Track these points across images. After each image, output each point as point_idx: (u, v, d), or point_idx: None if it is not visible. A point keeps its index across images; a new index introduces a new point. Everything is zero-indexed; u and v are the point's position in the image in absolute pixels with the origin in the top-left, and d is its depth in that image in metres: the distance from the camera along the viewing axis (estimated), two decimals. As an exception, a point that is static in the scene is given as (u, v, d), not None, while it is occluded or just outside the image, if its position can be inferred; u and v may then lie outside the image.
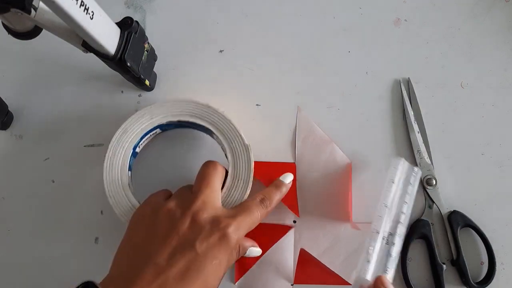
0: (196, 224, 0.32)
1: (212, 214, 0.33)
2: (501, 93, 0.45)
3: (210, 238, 0.32)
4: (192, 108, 0.39)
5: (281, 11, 0.45)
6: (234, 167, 0.38)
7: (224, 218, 0.33)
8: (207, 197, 0.34)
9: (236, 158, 0.38)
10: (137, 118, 0.39)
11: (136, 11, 0.45)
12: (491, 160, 0.43)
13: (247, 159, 0.38)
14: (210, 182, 0.35)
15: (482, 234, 0.40)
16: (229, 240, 0.32)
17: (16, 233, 0.41)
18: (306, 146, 0.42)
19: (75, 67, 0.43)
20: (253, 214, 0.35)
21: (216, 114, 0.39)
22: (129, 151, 0.38)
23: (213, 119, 0.38)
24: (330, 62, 0.45)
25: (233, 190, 0.37)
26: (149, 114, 0.39)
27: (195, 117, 0.38)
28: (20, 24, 0.32)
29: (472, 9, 0.46)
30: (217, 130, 0.38)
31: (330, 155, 0.42)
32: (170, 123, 0.39)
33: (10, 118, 0.42)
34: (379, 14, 0.46)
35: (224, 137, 0.38)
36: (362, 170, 0.42)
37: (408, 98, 0.44)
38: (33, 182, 0.41)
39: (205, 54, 0.44)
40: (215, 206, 0.34)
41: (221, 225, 0.32)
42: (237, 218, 0.33)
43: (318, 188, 0.41)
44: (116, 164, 0.38)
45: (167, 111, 0.39)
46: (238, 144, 0.38)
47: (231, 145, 0.38)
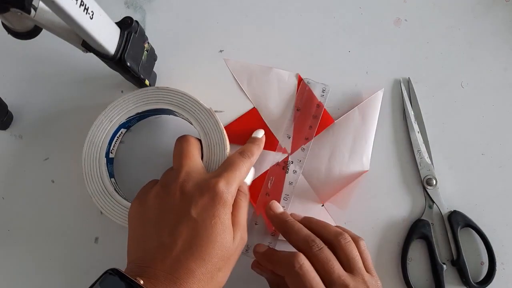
0: (186, 194, 0.32)
1: (198, 179, 0.33)
2: (501, 93, 0.45)
3: (202, 201, 0.32)
4: (144, 96, 0.38)
5: (281, 11, 0.45)
6: (205, 134, 0.37)
7: (210, 179, 0.33)
8: (189, 167, 0.34)
9: (203, 125, 0.38)
10: (98, 126, 0.38)
11: (136, 11, 0.45)
12: (491, 160, 0.43)
13: (214, 122, 0.37)
14: (187, 154, 0.35)
15: (482, 234, 0.40)
16: (221, 196, 0.32)
17: (16, 233, 0.41)
18: (253, 86, 0.43)
19: (75, 67, 0.43)
20: (238, 166, 0.35)
21: (170, 93, 0.38)
22: (103, 160, 0.38)
23: (168, 99, 0.38)
24: (330, 61, 0.45)
25: (212, 156, 0.37)
26: (107, 118, 0.38)
27: (151, 104, 0.38)
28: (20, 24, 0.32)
29: (472, 9, 0.46)
30: (176, 107, 0.38)
31: (277, 80, 0.43)
32: (130, 119, 0.39)
33: (10, 118, 0.42)
34: (379, 14, 0.46)
35: (184, 110, 0.38)
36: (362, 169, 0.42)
37: (408, 98, 0.44)
38: (33, 182, 0.41)
39: (205, 54, 0.44)
40: (199, 172, 0.34)
41: (209, 185, 0.32)
42: (223, 174, 0.33)
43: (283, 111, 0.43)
44: (96, 177, 0.38)
45: (122, 109, 0.38)
46: (200, 111, 0.38)
47: (194, 115, 0.38)
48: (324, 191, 0.41)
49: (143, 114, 0.40)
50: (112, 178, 0.39)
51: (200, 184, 0.33)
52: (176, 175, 0.34)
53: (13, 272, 0.40)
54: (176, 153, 0.36)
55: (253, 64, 0.44)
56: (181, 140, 0.36)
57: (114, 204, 0.37)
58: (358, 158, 0.42)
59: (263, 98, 0.43)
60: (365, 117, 0.43)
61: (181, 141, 0.36)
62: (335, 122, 0.43)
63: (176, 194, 0.33)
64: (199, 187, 0.32)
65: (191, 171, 0.34)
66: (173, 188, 0.33)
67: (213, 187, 0.32)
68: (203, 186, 0.32)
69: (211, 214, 0.31)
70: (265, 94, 0.43)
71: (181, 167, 0.34)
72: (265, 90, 0.43)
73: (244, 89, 0.43)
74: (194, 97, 0.38)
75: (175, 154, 0.36)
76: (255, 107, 0.43)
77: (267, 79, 0.43)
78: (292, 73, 0.44)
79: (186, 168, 0.34)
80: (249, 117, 0.43)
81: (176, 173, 0.34)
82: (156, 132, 0.42)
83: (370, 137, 0.42)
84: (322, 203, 0.41)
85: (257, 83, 0.43)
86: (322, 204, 0.41)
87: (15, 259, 0.40)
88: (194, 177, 0.33)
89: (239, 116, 0.43)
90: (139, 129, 0.42)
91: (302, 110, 0.43)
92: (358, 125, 0.43)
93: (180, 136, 0.37)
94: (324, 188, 0.41)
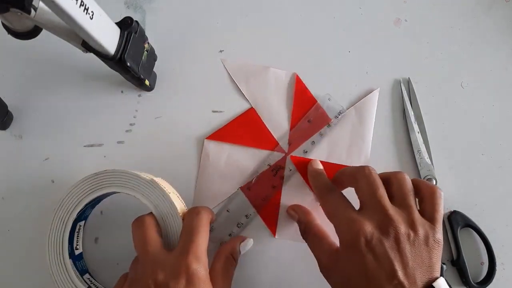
0: (161, 286, 0.30)
1: (168, 266, 0.31)
2: (501, 93, 0.45)
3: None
4: (85, 187, 0.36)
5: (281, 11, 0.45)
6: (154, 207, 0.35)
7: (179, 261, 0.31)
8: (153, 255, 0.32)
9: (150, 198, 0.35)
10: (54, 229, 0.36)
11: (136, 11, 0.45)
12: (491, 160, 0.43)
13: (159, 192, 0.35)
14: (146, 240, 0.33)
15: (482, 234, 0.40)
16: (197, 275, 0.31)
17: (16, 233, 0.41)
18: (251, 86, 0.43)
19: (75, 67, 0.43)
20: (197, 230, 0.33)
21: (108, 175, 0.36)
22: (68, 262, 0.36)
23: (109, 181, 0.35)
24: (330, 62, 0.45)
25: (168, 228, 0.35)
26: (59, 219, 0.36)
27: (95, 192, 0.36)
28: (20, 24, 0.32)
29: (472, 9, 0.46)
30: (119, 188, 0.35)
31: (275, 79, 0.43)
32: (82, 211, 0.37)
33: (10, 118, 0.42)
34: (379, 14, 0.46)
35: (127, 188, 0.35)
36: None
37: (408, 98, 0.44)
38: (33, 182, 0.41)
39: (205, 54, 0.44)
40: (164, 257, 0.32)
41: (181, 269, 0.31)
42: (189, 249, 0.32)
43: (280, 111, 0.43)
44: (66, 281, 0.36)
45: (71, 205, 0.36)
46: (143, 185, 0.35)
47: (139, 191, 0.35)
48: None
49: (92, 202, 0.37)
50: (85, 275, 0.38)
51: (172, 270, 0.31)
52: (143, 269, 0.32)
53: (13, 272, 0.40)
54: (136, 243, 0.34)
55: (250, 64, 0.44)
56: (137, 225, 0.34)
57: None
58: (355, 158, 0.42)
59: (261, 98, 0.43)
60: (361, 117, 0.43)
61: (137, 226, 0.34)
62: (331, 122, 0.43)
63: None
64: (172, 275, 0.31)
65: (156, 260, 0.32)
66: (145, 284, 0.31)
67: (185, 270, 0.31)
68: (175, 272, 0.31)
69: None
70: (263, 93, 0.43)
71: (145, 258, 0.32)
72: (262, 90, 0.43)
73: (242, 89, 0.43)
74: (132, 172, 0.35)
75: (135, 244, 0.34)
76: (252, 107, 0.43)
77: (264, 79, 0.43)
78: (289, 72, 0.44)
79: (150, 257, 0.32)
80: (247, 117, 0.43)
81: (142, 266, 0.32)
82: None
83: (367, 137, 0.42)
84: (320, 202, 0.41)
85: (255, 83, 0.43)
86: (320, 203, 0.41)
87: (15, 259, 0.40)
88: (162, 265, 0.31)
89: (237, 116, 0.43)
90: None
91: (313, 123, 0.42)
92: (355, 125, 0.43)
93: (135, 221, 0.34)
94: None
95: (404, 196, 0.33)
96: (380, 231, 0.31)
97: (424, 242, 0.31)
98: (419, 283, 0.30)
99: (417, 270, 0.30)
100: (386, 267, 0.30)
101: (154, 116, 0.43)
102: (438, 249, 0.32)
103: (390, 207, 0.32)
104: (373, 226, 0.31)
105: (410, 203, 0.33)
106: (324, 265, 0.34)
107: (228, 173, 0.42)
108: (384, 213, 0.32)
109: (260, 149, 0.42)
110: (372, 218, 0.32)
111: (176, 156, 0.42)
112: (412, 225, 0.31)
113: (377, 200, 0.32)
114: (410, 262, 0.30)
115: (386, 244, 0.30)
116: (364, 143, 0.42)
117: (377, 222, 0.31)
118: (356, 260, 0.31)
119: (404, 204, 0.33)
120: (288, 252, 0.41)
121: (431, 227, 0.32)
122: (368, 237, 0.31)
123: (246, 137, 0.42)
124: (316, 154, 0.42)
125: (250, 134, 0.42)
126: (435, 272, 0.31)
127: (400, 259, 0.30)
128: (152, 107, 0.43)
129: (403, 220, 0.31)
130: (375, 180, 0.33)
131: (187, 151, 0.42)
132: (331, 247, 0.34)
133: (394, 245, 0.31)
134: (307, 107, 0.43)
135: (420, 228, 0.31)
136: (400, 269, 0.30)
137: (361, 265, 0.31)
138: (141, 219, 0.34)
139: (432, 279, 0.30)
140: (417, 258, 0.31)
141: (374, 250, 0.30)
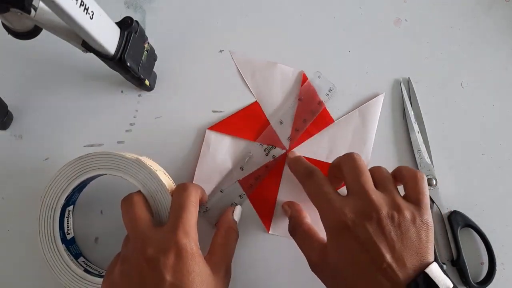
0: (151, 260, 0.30)
1: (157, 241, 0.31)
2: (501, 93, 0.45)
3: (170, 262, 0.30)
4: (70, 171, 0.35)
5: (281, 11, 0.45)
6: (143, 186, 0.35)
7: (168, 236, 0.31)
8: (143, 231, 0.32)
9: (137, 177, 0.35)
10: (43, 216, 0.36)
11: (136, 11, 0.45)
12: (491, 160, 0.43)
13: (147, 171, 0.34)
14: (135, 217, 0.33)
15: (482, 234, 0.40)
16: (186, 250, 0.31)
17: (16, 233, 0.41)
18: (257, 80, 0.43)
19: (75, 67, 0.43)
20: (186, 206, 0.33)
21: (93, 158, 0.35)
22: (61, 248, 0.36)
23: (94, 164, 0.35)
24: (330, 61, 0.45)
25: (158, 205, 0.35)
26: (47, 206, 0.36)
27: (80, 176, 0.35)
28: (20, 24, 0.32)
29: (472, 9, 0.46)
30: (105, 170, 0.35)
31: (281, 76, 0.44)
32: (70, 196, 0.37)
33: (10, 118, 0.42)
34: (379, 14, 0.46)
35: (113, 170, 0.35)
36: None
37: (408, 98, 0.44)
38: (33, 182, 0.41)
39: (205, 54, 0.44)
40: (154, 232, 0.32)
41: (170, 244, 0.31)
42: (177, 224, 0.32)
43: (284, 106, 0.43)
44: (62, 267, 0.36)
45: (57, 190, 0.36)
46: (129, 165, 0.35)
47: (125, 171, 0.35)
48: None
49: (79, 186, 0.37)
50: (80, 258, 0.38)
51: (161, 245, 0.31)
52: (133, 245, 0.32)
53: (13, 272, 0.40)
54: (126, 220, 0.34)
55: (258, 59, 0.44)
56: (125, 203, 0.34)
57: (91, 286, 0.36)
58: None
59: (266, 93, 0.43)
60: (364, 120, 0.43)
61: (126, 204, 0.34)
62: (334, 122, 0.43)
63: (141, 265, 0.30)
64: (161, 249, 0.31)
65: (145, 236, 0.32)
66: (135, 260, 0.31)
67: (174, 244, 0.31)
68: (165, 247, 0.31)
69: (185, 272, 0.30)
70: (268, 88, 0.43)
71: (135, 235, 0.32)
72: (268, 85, 0.43)
73: (247, 82, 0.43)
74: (117, 153, 0.35)
75: (125, 222, 0.34)
76: (257, 100, 0.43)
77: (271, 74, 0.44)
78: (296, 70, 0.44)
79: (140, 234, 0.32)
80: (251, 110, 0.43)
81: (132, 243, 0.32)
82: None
83: (369, 140, 0.42)
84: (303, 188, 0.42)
85: (261, 77, 0.43)
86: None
87: (16, 259, 0.40)
88: (151, 240, 0.31)
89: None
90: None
91: (304, 101, 0.43)
92: (358, 127, 0.43)
93: (123, 199, 0.35)
94: None
95: (384, 182, 0.33)
96: (362, 216, 0.30)
97: (411, 223, 0.31)
98: (410, 265, 0.29)
99: (406, 253, 0.29)
100: (372, 252, 0.29)
101: (154, 116, 0.43)
102: (427, 230, 0.31)
103: (373, 191, 0.32)
104: (355, 212, 0.31)
105: (391, 188, 0.33)
106: (314, 262, 0.34)
107: (227, 165, 0.42)
108: (367, 197, 0.31)
109: (261, 144, 0.42)
110: (354, 204, 0.31)
111: (176, 156, 0.42)
112: (396, 207, 0.31)
113: (360, 185, 0.32)
114: (397, 245, 0.29)
115: (370, 229, 0.30)
116: (365, 145, 0.42)
117: (359, 207, 0.31)
118: (342, 249, 0.31)
119: (387, 189, 0.32)
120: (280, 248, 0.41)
121: (416, 208, 0.31)
122: (350, 224, 0.30)
123: (248, 130, 0.42)
124: (317, 154, 0.42)
125: (252, 128, 0.42)
126: (428, 256, 0.30)
127: (386, 242, 0.30)
128: (152, 107, 0.43)
129: (386, 203, 0.31)
130: (359, 165, 0.33)
131: (187, 151, 0.42)
132: (320, 244, 0.34)
133: (378, 229, 0.30)
134: (312, 105, 0.43)
135: (405, 210, 0.31)
136: (387, 252, 0.29)
137: (347, 253, 0.30)
138: (129, 197, 0.34)
139: (424, 264, 0.29)
140: (404, 240, 0.30)
141: (359, 236, 0.30)
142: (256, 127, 0.42)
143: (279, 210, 0.41)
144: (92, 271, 0.37)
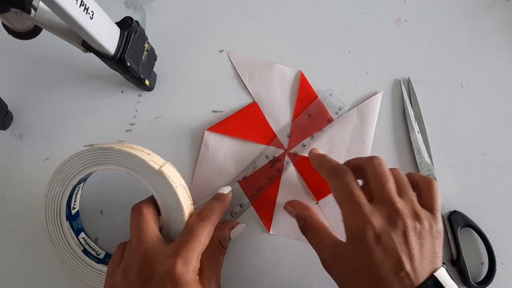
0: (146, 282, 0.31)
1: (156, 263, 0.31)
2: (501, 93, 0.45)
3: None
4: (91, 157, 0.34)
5: (281, 11, 0.45)
6: (159, 197, 0.34)
7: (168, 261, 0.31)
8: (147, 248, 0.32)
9: (155, 188, 0.34)
10: (51, 190, 0.36)
11: (136, 11, 0.45)
12: (491, 160, 0.43)
13: (166, 184, 0.33)
14: (142, 232, 0.33)
15: (482, 234, 0.40)
16: (183, 277, 0.30)
17: (16, 233, 0.41)
18: (255, 81, 0.43)
19: (75, 67, 0.43)
20: (196, 234, 0.33)
21: (116, 153, 0.34)
22: (65, 224, 0.36)
23: (115, 159, 0.34)
24: (330, 61, 0.45)
25: (170, 221, 0.34)
26: (58, 183, 0.36)
27: (98, 165, 0.34)
28: (20, 24, 0.32)
29: (472, 9, 0.46)
30: (125, 168, 0.34)
31: (279, 75, 0.44)
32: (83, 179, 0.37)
33: (10, 118, 0.42)
34: (379, 14, 0.46)
35: (134, 171, 0.34)
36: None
37: (408, 98, 0.44)
38: (33, 182, 0.41)
39: (205, 54, 0.44)
40: (156, 252, 0.32)
41: (167, 272, 0.31)
42: (181, 250, 0.31)
43: (283, 107, 0.43)
44: (62, 242, 0.37)
45: (70, 173, 0.35)
46: (150, 173, 0.33)
47: (145, 177, 0.34)
48: (319, 188, 0.41)
49: (95, 171, 0.36)
50: (81, 234, 0.39)
51: (159, 268, 0.31)
52: (134, 259, 0.32)
53: (13, 272, 0.40)
54: (132, 229, 0.34)
55: (256, 59, 0.44)
56: (135, 213, 0.34)
57: (85, 267, 0.36)
58: None
59: (264, 93, 0.43)
60: (363, 118, 0.43)
61: (135, 214, 0.34)
62: (333, 121, 0.43)
63: (138, 284, 0.31)
64: (158, 275, 0.31)
65: (147, 252, 0.32)
66: (135, 274, 0.31)
67: (172, 273, 0.30)
68: (161, 272, 0.31)
69: None
70: (266, 88, 0.43)
71: (137, 247, 0.32)
72: (266, 85, 0.43)
73: (245, 83, 0.43)
74: (141, 157, 0.33)
75: (131, 230, 0.34)
76: (255, 101, 0.43)
77: (269, 74, 0.44)
78: (294, 70, 0.44)
79: (141, 248, 0.32)
80: (249, 111, 0.43)
81: (134, 254, 0.32)
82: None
83: (368, 139, 0.42)
84: (316, 201, 0.41)
85: (259, 77, 0.43)
86: (316, 202, 0.41)
87: (15, 259, 0.40)
88: (151, 260, 0.31)
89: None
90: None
91: (313, 117, 0.42)
92: (356, 126, 0.43)
93: (134, 207, 0.34)
94: (319, 186, 0.41)
95: (404, 188, 0.34)
96: (388, 224, 0.31)
97: (429, 233, 0.32)
98: (424, 273, 0.30)
99: (423, 261, 0.31)
100: (393, 260, 0.30)
101: (154, 116, 0.43)
102: (440, 239, 0.32)
103: (398, 200, 0.32)
104: (382, 220, 0.31)
105: (411, 196, 0.33)
106: (326, 259, 0.34)
107: (226, 166, 0.42)
108: (393, 206, 0.32)
109: (260, 144, 0.42)
110: (381, 211, 0.32)
111: (176, 156, 0.42)
112: (417, 217, 0.32)
113: (386, 193, 0.32)
114: (416, 254, 0.31)
115: (395, 238, 0.31)
116: (364, 144, 0.42)
117: (386, 216, 0.32)
118: (362, 253, 0.31)
119: (407, 196, 0.33)
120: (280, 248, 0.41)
121: (432, 217, 0.33)
122: (377, 231, 0.31)
123: (247, 131, 0.42)
124: (316, 154, 0.42)
125: (251, 128, 0.42)
126: (438, 262, 0.31)
127: (408, 252, 0.30)
128: (152, 107, 0.43)
129: (409, 212, 0.32)
130: (384, 171, 0.34)
131: (187, 151, 0.42)
132: (332, 241, 0.34)
133: (402, 238, 0.31)
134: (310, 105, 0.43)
135: (424, 220, 0.32)
136: (407, 262, 0.30)
137: (368, 257, 0.31)
138: (139, 208, 0.34)
139: (435, 269, 0.31)
140: (422, 249, 0.31)
141: (383, 244, 0.31)
142: (254, 127, 0.42)
143: (279, 210, 0.41)
144: (90, 251, 0.38)
